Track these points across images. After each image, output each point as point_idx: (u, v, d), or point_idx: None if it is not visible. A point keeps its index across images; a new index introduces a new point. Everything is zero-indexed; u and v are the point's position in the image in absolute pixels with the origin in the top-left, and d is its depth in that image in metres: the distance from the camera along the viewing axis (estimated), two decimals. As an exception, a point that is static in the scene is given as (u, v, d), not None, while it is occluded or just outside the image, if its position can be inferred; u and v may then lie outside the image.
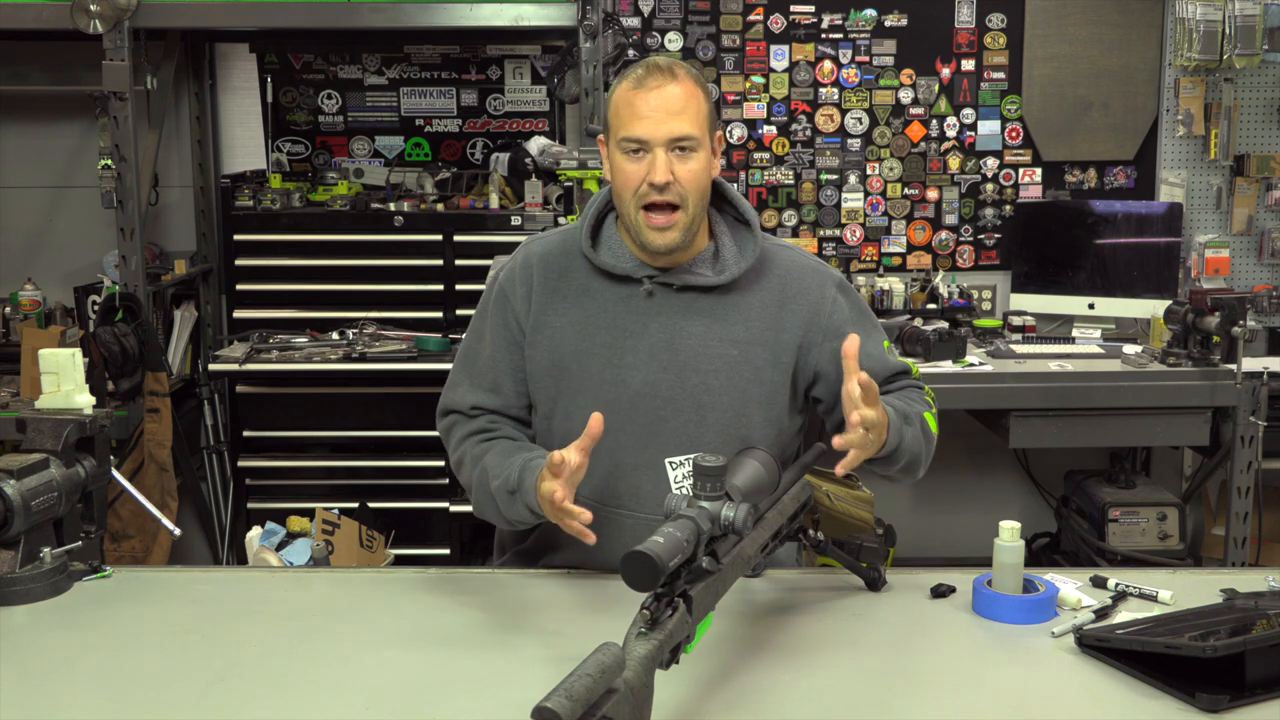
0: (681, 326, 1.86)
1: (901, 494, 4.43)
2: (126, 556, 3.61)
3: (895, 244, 4.32)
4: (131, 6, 3.50)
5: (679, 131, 1.77)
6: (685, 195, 1.79)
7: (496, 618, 1.71)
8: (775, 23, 4.20)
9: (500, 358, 1.92)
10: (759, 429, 1.88)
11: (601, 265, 1.87)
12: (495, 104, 4.30)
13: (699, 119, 1.80)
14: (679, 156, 1.79)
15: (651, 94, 1.78)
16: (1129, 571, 1.84)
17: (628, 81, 1.81)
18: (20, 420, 1.87)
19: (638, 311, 1.86)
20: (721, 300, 1.87)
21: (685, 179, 1.79)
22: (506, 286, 1.94)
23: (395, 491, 3.79)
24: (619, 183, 1.83)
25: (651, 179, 1.77)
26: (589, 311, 1.88)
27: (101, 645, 1.62)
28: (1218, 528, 3.96)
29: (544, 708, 1.03)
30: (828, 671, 1.52)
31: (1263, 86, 4.19)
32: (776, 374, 1.89)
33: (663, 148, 1.77)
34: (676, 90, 1.78)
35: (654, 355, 1.85)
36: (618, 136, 1.81)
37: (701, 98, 1.82)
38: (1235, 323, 3.45)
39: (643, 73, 1.81)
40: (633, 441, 1.85)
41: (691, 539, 1.28)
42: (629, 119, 1.79)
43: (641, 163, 1.79)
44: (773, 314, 1.89)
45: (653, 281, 1.86)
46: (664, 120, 1.77)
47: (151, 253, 4.07)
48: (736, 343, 1.87)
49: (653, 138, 1.77)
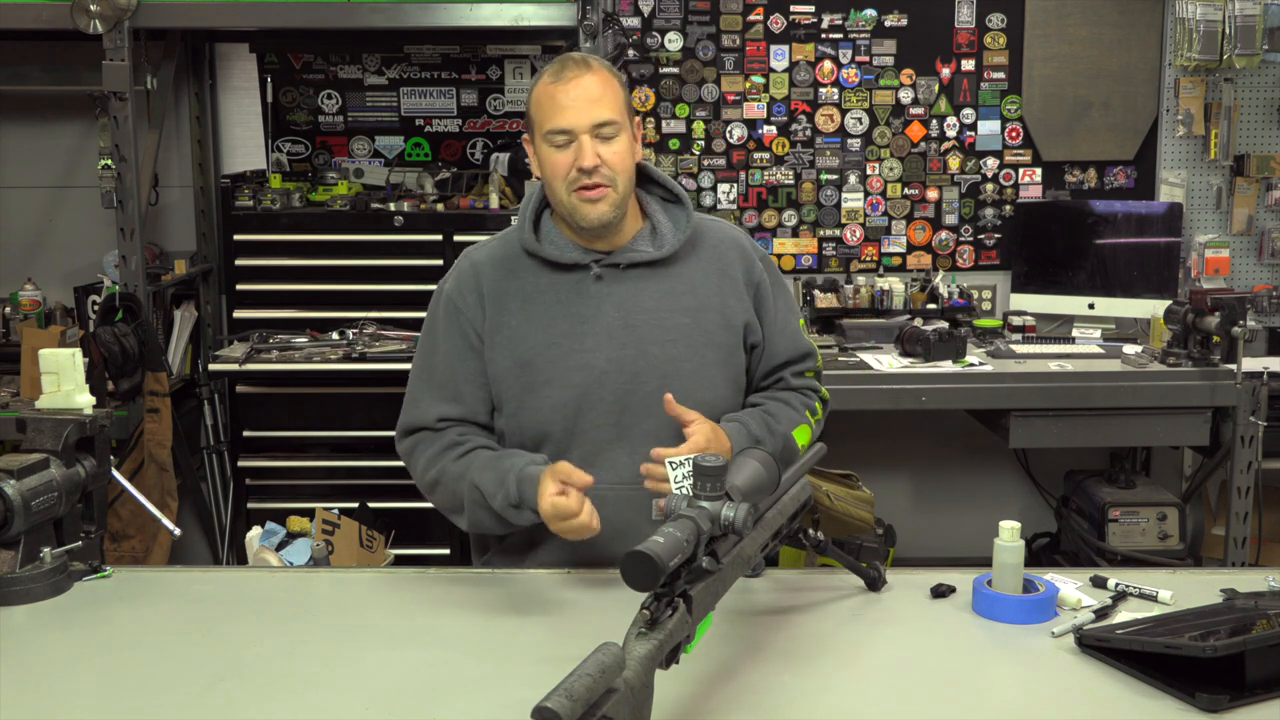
0: (634, 303, 1.94)
1: (901, 494, 4.43)
2: (126, 556, 3.61)
3: (895, 244, 4.32)
4: (131, 6, 3.51)
5: (600, 117, 1.86)
6: (613, 176, 1.88)
7: (496, 618, 1.71)
8: (775, 23, 4.20)
9: (458, 367, 1.96)
10: (722, 388, 1.98)
11: (547, 257, 1.94)
12: (495, 104, 4.30)
13: (617, 105, 1.89)
14: (602, 141, 1.87)
15: (570, 85, 1.86)
16: (1129, 571, 1.84)
17: (546, 77, 1.90)
18: (20, 420, 1.87)
19: (589, 296, 1.93)
20: (667, 273, 1.96)
21: (611, 160, 1.87)
22: (455, 298, 1.98)
23: (395, 491, 3.79)
24: (549, 173, 1.90)
25: (580, 164, 1.86)
26: (542, 305, 1.94)
27: (101, 645, 1.62)
28: (1218, 528, 3.95)
29: (544, 708, 1.03)
30: (828, 671, 1.52)
31: (1263, 86, 4.19)
32: (729, 336, 1.99)
33: (587, 134, 1.86)
34: (593, 79, 1.88)
35: (612, 334, 1.93)
36: (543, 130, 1.88)
37: (617, 85, 1.91)
38: (1235, 323, 3.45)
39: (558, 67, 1.90)
40: (605, 419, 1.92)
41: (691, 539, 1.28)
42: (552, 112, 1.87)
43: (569, 151, 1.87)
44: (715, 281, 1.99)
45: (599, 265, 1.93)
46: (585, 108, 1.86)
47: (151, 253, 4.07)
48: (687, 310, 1.96)
49: (576, 126, 1.86)
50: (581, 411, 1.90)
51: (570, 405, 1.90)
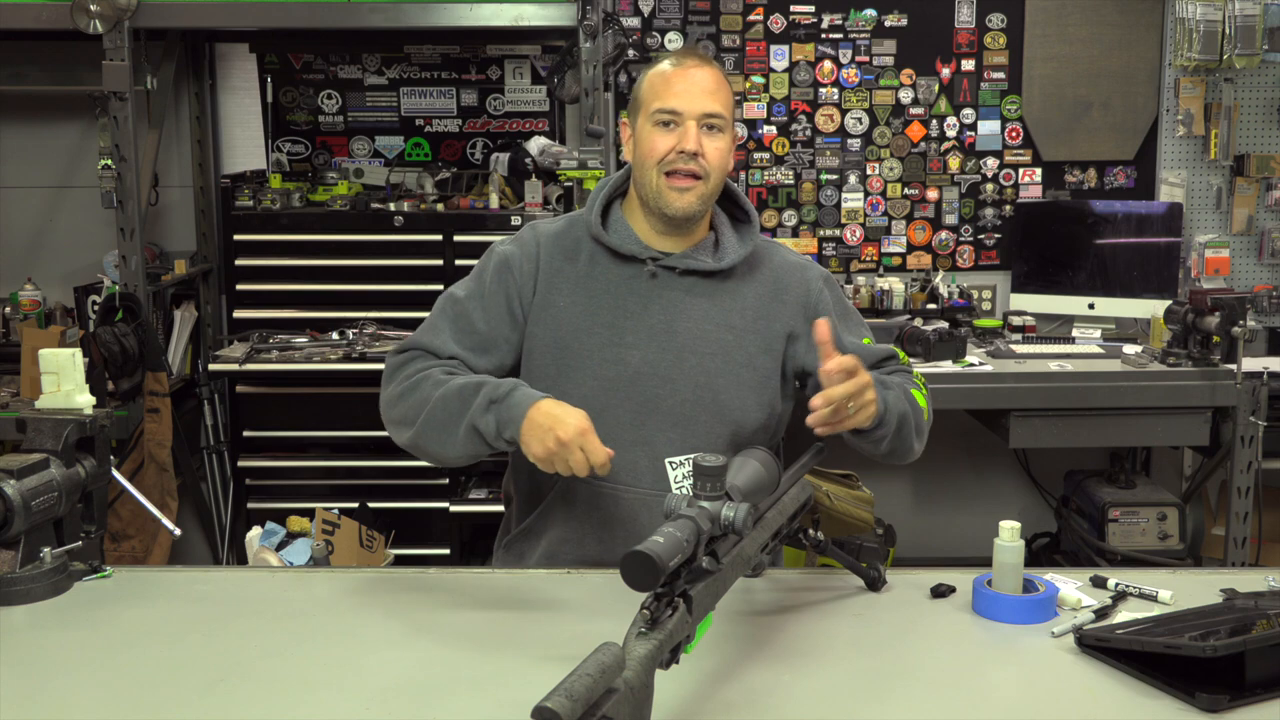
0: (681, 309, 1.93)
1: (901, 494, 4.43)
2: (126, 556, 3.61)
3: (895, 244, 4.32)
4: (131, 6, 3.51)
5: (711, 108, 1.88)
6: (709, 170, 1.89)
7: (496, 618, 1.71)
8: (775, 23, 4.20)
9: (495, 326, 1.93)
10: (752, 412, 1.95)
11: (608, 244, 1.93)
12: (495, 104, 4.30)
13: (727, 104, 1.91)
14: (708, 133, 1.88)
15: (689, 72, 1.89)
16: (1129, 571, 1.84)
17: (665, 63, 1.92)
18: (20, 420, 1.87)
19: (639, 293, 1.93)
20: (720, 287, 1.95)
21: (711, 154, 1.88)
22: (512, 259, 1.96)
23: (395, 491, 3.79)
24: (644, 151, 1.90)
25: (683, 146, 1.86)
26: (592, 291, 1.93)
27: (101, 645, 1.62)
28: (1218, 528, 3.96)
29: (544, 708, 1.03)
30: (828, 671, 1.52)
31: (1263, 86, 4.19)
32: (769, 361, 1.96)
33: (695, 121, 1.87)
34: (711, 72, 1.91)
35: (653, 336, 1.91)
36: (651, 109, 1.89)
37: (729, 89, 1.94)
38: (1235, 323, 3.45)
39: (680, 55, 1.93)
40: (630, 419, 1.90)
41: (691, 539, 1.28)
42: (664, 93, 1.89)
43: (673, 133, 1.88)
44: (765, 304, 1.97)
45: (656, 264, 1.92)
46: (698, 96, 1.87)
47: (151, 253, 4.07)
48: (732, 329, 1.94)
49: (687, 110, 1.87)
50: (608, 407, 1.88)
51: (598, 398, 1.88)
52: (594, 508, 1.92)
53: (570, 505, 1.94)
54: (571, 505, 1.94)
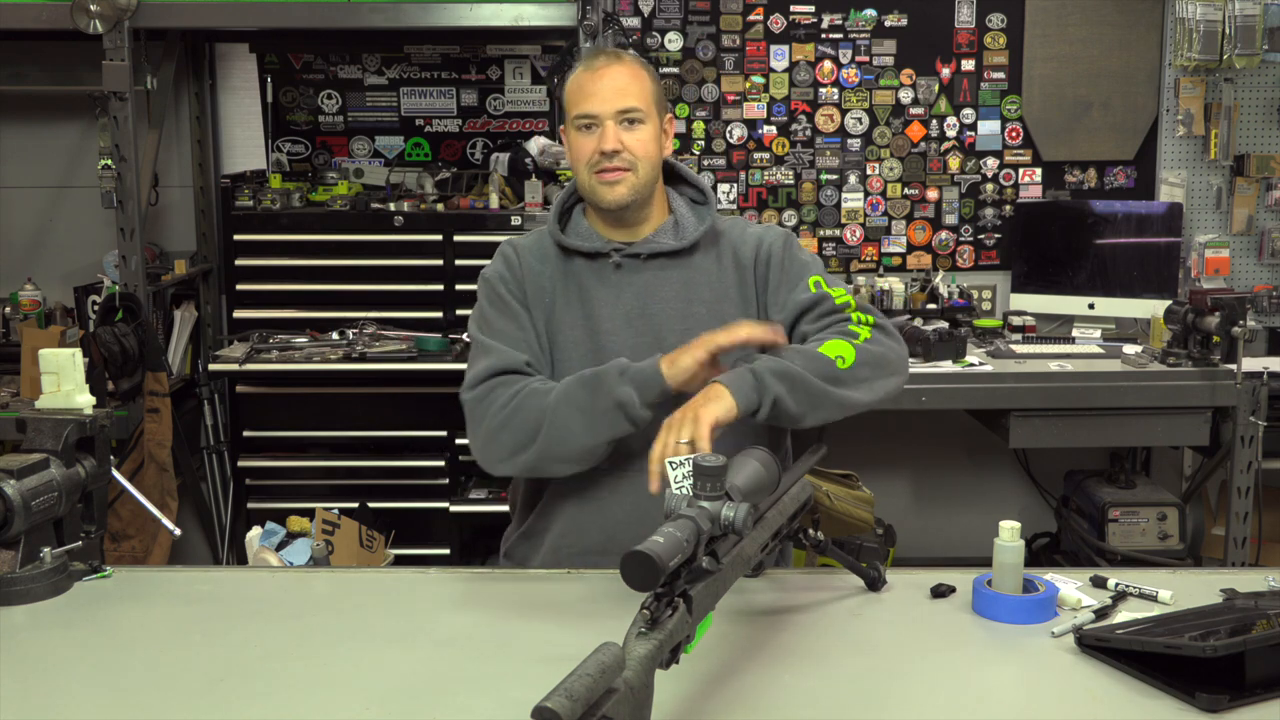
0: (653, 292, 2.00)
1: (901, 494, 4.43)
2: (126, 556, 3.61)
3: (895, 244, 4.32)
4: (131, 6, 3.51)
5: (624, 104, 1.94)
6: (635, 161, 1.95)
7: (496, 618, 1.71)
8: (775, 23, 4.20)
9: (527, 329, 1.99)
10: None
11: (570, 245, 2.01)
12: (495, 104, 4.30)
13: (644, 95, 1.97)
14: (626, 128, 1.94)
15: (599, 74, 1.96)
16: (1129, 571, 1.84)
17: (579, 68, 1.99)
18: (20, 420, 1.87)
19: (609, 283, 2.00)
20: (686, 264, 2.02)
21: (633, 146, 1.94)
22: (501, 271, 2.04)
23: (395, 491, 3.79)
24: (574, 157, 1.98)
25: (602, 147, 1.93)
26: (565, 289, 2.01)
27: (101, 645, 1.62)
28: (1218, 528, 3.95)
29: (544, 708, 1.03)
30: (828, 671, 1.52)
31: (1263, 86, 4.19)
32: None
33: (611, 120, 1.94)
34: (622, 69, 1.96)
35: (629, 321, 1.98)
36: (572, 116, 1.97)
37: (646, 78, 1.99)
38: (1235, 323, 3.45)
39: (591, 58, 2.00)
40: None
41: (691, 539, 1.28)
42: (580, 99, 1.96)
43: (593, 135, 1.95)
44: (731, 272, 2.03)
45: (620, 254, 2.00)
46: (610, 96, 1.94)
47: (151, 253, 4.07)
48: (705, 301, 2.00)
49: (602, 111, 1.94)
50: None
51: None
52: (591, 497, 1.94)
53: (566, 499, 1.97)
54: (568, 499, 1.96)
